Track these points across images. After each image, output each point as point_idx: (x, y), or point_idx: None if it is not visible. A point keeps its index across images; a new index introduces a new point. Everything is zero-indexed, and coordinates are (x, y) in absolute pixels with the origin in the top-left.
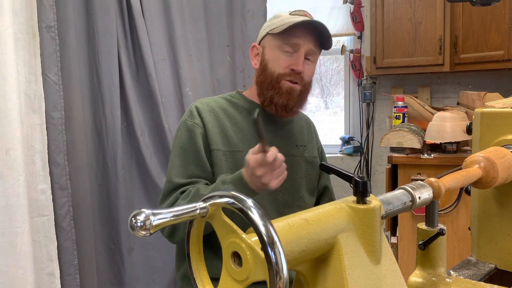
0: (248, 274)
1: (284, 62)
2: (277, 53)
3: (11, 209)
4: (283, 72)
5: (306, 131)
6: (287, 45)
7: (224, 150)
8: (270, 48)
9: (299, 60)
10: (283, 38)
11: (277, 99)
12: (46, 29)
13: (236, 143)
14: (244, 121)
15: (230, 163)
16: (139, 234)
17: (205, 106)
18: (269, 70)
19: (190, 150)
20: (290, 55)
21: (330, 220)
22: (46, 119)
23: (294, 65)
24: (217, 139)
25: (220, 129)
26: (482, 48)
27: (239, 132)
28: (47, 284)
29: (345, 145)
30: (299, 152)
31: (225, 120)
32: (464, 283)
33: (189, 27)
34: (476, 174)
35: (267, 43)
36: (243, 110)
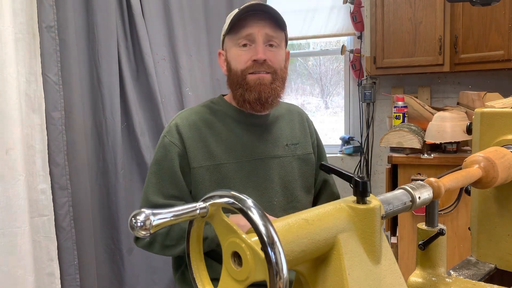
0: (248, 274)
1: (244, 57)
2: (236, 51)
3: (11, 209)
4: (245, 66)
5: (299, 126)
6: (241, 39)
7: (208, 165)
8: (229, 49)
9: (258, 48)
10: (235, 34)
11: (247, 95)
12: (46, 29)
13: (219, 155)
14: (227, 130)
15: (215, 177)
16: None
17: (184, 121)
18: (233, 69)
19: (166, 169)
20: (249, 47)
21: (330, 220)
22: (46, 119)
23: (254, 55)
24: (198, 155)
25: (202, 143)
26: (482, 48)
27: (221, 144)
28: (47, 284)
29: (345, 145)
30: (290, 152)
31: (207, 133)
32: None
33: (189, 27)
34: (476, 174)
35: (226, 45)
36: (224, 117)
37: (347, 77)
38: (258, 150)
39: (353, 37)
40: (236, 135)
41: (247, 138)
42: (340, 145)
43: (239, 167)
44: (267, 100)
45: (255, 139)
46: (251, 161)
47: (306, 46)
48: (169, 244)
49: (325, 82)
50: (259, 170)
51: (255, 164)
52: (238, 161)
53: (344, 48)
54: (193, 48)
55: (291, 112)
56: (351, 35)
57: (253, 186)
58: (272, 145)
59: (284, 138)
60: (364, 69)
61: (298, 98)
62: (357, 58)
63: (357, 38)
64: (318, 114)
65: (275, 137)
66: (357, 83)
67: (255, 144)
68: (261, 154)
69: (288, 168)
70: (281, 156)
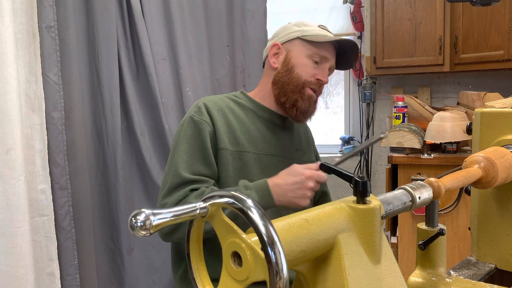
0: (248, 274)
1: (311, 71)
2: (306, 61)
3: (11, 209)
4: (309, 80)
5: (304, 136)
6: (317, 56)
7: (232, 150)
8: (299, 53)
9: (325, 72)
10: (315, 48)
11: (300, 103)
12: (46, 29)
13: (243, 143)
14: (250, 122)
15: (237, 163)
16: (139, 234)
17: (213, 103)
18: (296, 74)
19: (197, 147)
20: (317, 65)
21: (330, 220)
22: (46, 119)
23: (321, 75)
24: (225, 138)
25: (228, 128)
26: (482, 48)
27: (245, 133)
28: (47, 284)
29: (345, 145)
30: (298, 156)
31: (233, 119)
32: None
33: (189, 27)
34: (476, 174)
35: (295, 47)
36: (249, 111)
37: (347, 77)
38: (275, 147)
39: (353, 37)
40: (256, 128)
41: (267, 134)
42: (340, 145)
43: (258, 158)
44: (310, 116)
45: (273, 136)
46: (269, 156)
47: None
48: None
49: None
50: (274, 166)
51: (272, 160)
52: (258, 152)
53: None
54: (193, 48)
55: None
56: (351, 35)
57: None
58: (287, 146)
59: (294, 142)
60: (364, 69)
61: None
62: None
63: (357, 38)
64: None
65: (288, 139)
66: (357, 83)
67: (273, 141)
68: (277, 152)
69: None
70: (291, 158)
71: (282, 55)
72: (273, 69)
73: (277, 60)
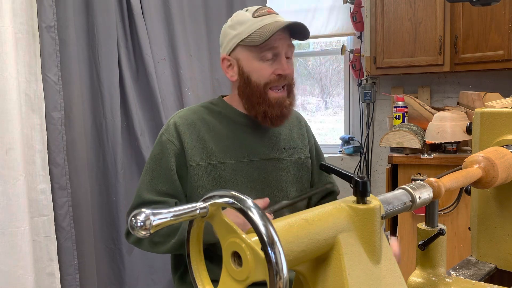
0: (248, 274)
1: (267, 71)
2: (258, 64)
3: (11, 209)
4: (269, 80)
5: (297, 131)
6: (266, 52)
7: (205, 164)
8: (247, 60)
9: (282, 64)
10: (259, 47)
11: (270, 112)
12: (46, 29)
13: (217, 155)
14: (226, 130)
15: (211, 176)
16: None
17: (183, 120)
18: (254, 82)
19: (161, 167)
20: (272, 61)
21: (330, 220)
22: (46, 119)
23: (280, 69)
24: (195, 154)
25: (200, 142)
26: (482, 48)
27: (219, 143)
28: (47, 284)
29: (345, 145)
30: (287, 156)
31: (205, 132)
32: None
33: (189, 27)
34: (476, 174)
35: (241, 54)
36: (225, 119)
37: (347, 77)
38: (256, 152)
39: (353, 37)
40: (234, 136)
41: (246, 140)
42: (340, 145)
43: (236, 168)
44: (287, 115)
45: (254, 141)
46: (249, 163)
47: (306, 46)
48: (157, 240)
49: (325, 82)
50: (256, 172)
51: (252, 166)
52: (236, 161)
53: (344, 48)
54: (193, 48)
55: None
56: (351, 35)
57: (250, 188)
58: (270, 148)
59: (282, 141)
60: (364, 69)
61: (298, 98)
62: (357, 58)
63: (357, 38)
64: (318, 114)
65: (273, 140)
66: (357, 83)
67: (253, 146)
68: (258, 156)
69: (284, 171)
70: (278, 159)
71: (235, 66)
72: (234, 82)
73: (233, 72)
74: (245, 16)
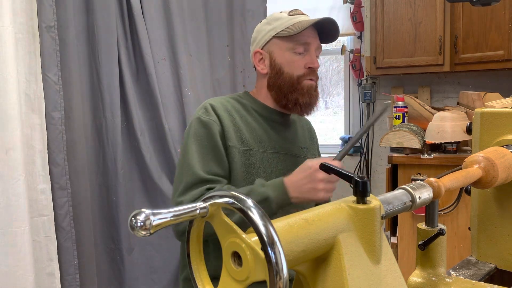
0: (248, 274)
1: (300, 63)
2: (290, 55)
3: (11, 209)
4: (302, 72)
5: (308, 133)
6: (299, 46)
7: (240, 148)
8: (280, 52)
9: (313, 58)
10: (293, 40)
11: (301, 99)
12: (46, 29)
13: (249, 142)
14: (254, 121)
15: (244, 161)
16: (139, 234)
17: (219, 104)
18: (286, 73)
19: (209, 147)
20: (303, 55)
21: (330, 220)
22: (46, 119)
23: (310, 63)
24: (233, 136)
25: (235, 127)
26: (482, 48)
27: (251, 132)
28: (47, 284)
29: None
30: (303, 154)
31: (238, 119)
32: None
33: (189, 27)
34: (476, 174)
35: (275, 47)
36: (253, 111)
37: (347, 77)
38: (281, 145)
39: (353, 37)
40: (262, 127)
41: (272, 133)
42: (340, 145)
43: (265, 157)
44: (314, 105)
45: (279, 135)
46: (275, 154)
47: None
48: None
49: (325, 82)
50: (280, 164)
51: (278, 158)
52: (265, 151)
53: (344, 48)
54: (193, 48)
55: (301, 119)
56: (351, 35)
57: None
58: (291, 144)
59: (299, 140)
60: (364, 69)
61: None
62: (357, 58)
63: (357, 38)
64: (318, 114)
65: (293, 137)
66: (357, 83)
67: (278, 140)
68: (283, 150)
69: None
70: (297, 156)
71: (267, 59)
72: (264, 75)
73: (264, 66)
74: (281, 14)
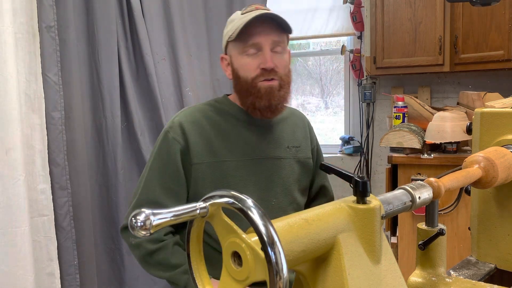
0: (248, 274)
1: (253, 65)
2: (243, 59)
3: (11, 209)
4: (255, 74)
5: (301, 130)
6: (248, 48)
7: (209, 162)
8: (235, 56)
9: (266, 57)
10: (242, 42)
11: (258, 103)
12: (46, 29)
13: (221, 153)
14: (231, 128)
15: (217, 174)
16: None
17: (188, 118)
18: (242, 77)
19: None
20: (256, 55)
21: (330, 220)
22: (46, 119)
23: (263, 63)
24: (200, 151)
25: (204, 140)
26: (482, 48)
27: (223, 141)
28: (47, 284)
29: (345, 145)
30: (291, 154)
31: (209, 130)
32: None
33: (189, 27)
34: (476, 174)
35: (231, 51)
36: (230, 117)
37: (347, 77)
38: (260, 149)
39: (353, 37)
40: (238, 134)
41: (250, 138)
42: (340, 145)
43: (240, 165)
44: (277, 107)
45: (258, 139)
46: (253, 160)
47: (306, 46)
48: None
49: (325, 82)
50: (260, 169)
51: (257, 164)
52: (240, 159)
53: (344, 48)
54: (193, 48)
55: (294, 115)
56: (351, 35)
57: (254, 185)
58: (274, 146)
59: (285, 140)
60: (364, 69)
61: (298, 98)
62: (357, 58)
63: (357, 38)
64: (318, 114)
65: (276, 138)
66: (357, 83)
67: (257, 144)
68: (262, 154)
69: (288, 169)
70: (282, 158)
71: (230, 64)
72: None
73: (229, 70)
74: (235, 14)
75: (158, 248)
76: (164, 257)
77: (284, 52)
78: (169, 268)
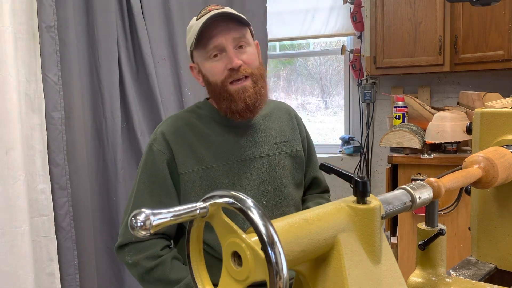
0: (248, 274)
1: (219, 68)
2: (209, 63)
3: (11, 209)
4: (223, 77)
5: (287, 123)
6: (211, 51)
7: (197, 170)
8: (201, 63)
9: (230, 56)
10: (203, 47)
11: (234, 106)
12: (46, 29)
13: (208, 159)
14: (213, 134)
15: (205, 181)
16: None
17: (170, 128)
18: (212, 83)
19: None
20: (221, 57)
21: (330, 220)
22: (46, 119)
23: (229, 63)
24: (186, 161)
25: (189, 149)
26: (482, 48)
27: (208, 148)
28: (47, 284)
29: (345, 145)
30: (280, 149)
31: (193, 138)
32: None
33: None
34: (476, 174)
35: (197, 58)
36: (211, 122)
37: (347, 77)
38: (246, 151)
39: (353, 37)
40: (222, 138)
41: (234, 140)
42: (340, 145)
43: (228, 170)
44: (255, 106)
45: (242, 140)
46: (240, 163)
47: (306, 46)
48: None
49: (325, 82)
50: (248, 171)
51: (244, 165)
52: (227, 163)
53: (344, 48)
54: None
55: (279, 109)
56: (351, 35)
57: (245, 187)
58: (260, 144)
59: (272, 136)
60: (364, 69)
61: (298, 98)
62: (357, 58)
63: (357, 38)
64: (318, 114)
65: (263, 136)
66: (357, 83)
67: (242, 145)
68: (249, 155)
69: (278, 166)
70: (270, 155)
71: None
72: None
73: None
74: (192, 21)
75: (156, 264)
76: (162, 273)
77: (249, 45)
78: (169, 284)
